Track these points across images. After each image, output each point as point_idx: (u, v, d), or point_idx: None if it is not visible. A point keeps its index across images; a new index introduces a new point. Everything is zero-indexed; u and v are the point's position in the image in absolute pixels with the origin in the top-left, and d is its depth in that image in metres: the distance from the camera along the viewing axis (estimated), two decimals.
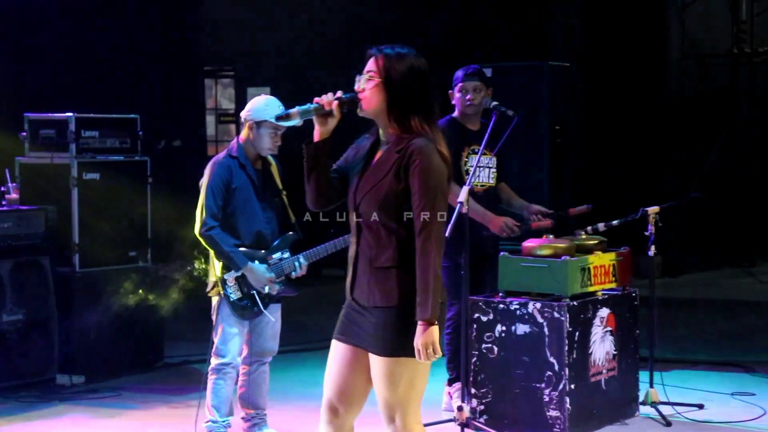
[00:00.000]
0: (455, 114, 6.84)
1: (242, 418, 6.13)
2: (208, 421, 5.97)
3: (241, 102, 14.62)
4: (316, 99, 4.01)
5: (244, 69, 14.96)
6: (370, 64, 4.02)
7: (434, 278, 3.95)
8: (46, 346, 7.73)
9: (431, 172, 3.95)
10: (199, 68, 14.34)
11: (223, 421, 5.96)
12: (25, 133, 8.04)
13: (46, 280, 7.77)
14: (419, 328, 3.95)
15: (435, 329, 3.96)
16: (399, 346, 4.00)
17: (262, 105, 5.93)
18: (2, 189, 7.93)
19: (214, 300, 5.96)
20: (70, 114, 7.94)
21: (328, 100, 4.01)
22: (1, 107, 9.55)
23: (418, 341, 3.95)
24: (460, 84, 6.75)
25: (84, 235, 7.89)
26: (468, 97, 6.71)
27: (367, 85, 4.02)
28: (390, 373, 4.02)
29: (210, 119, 15.26)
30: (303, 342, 9.41)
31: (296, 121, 4.09)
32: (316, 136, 4.03)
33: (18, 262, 7.62)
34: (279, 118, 4.08)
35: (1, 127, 8.96)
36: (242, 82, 14.98)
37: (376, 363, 4.04)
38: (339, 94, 4.03)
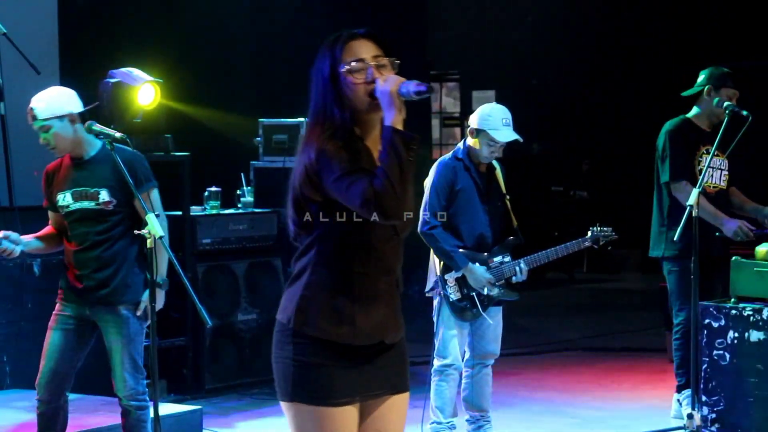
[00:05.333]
0: (690, 114, 6.70)
1: (467, 420, 6.16)
2: (432, 423, 6.03)
3: (465, 105, 14.69)
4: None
5: (470, 72, 15.02)
6: (372, 48, 3.29)
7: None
8: None
9: None
10: (425, 72, 14.48)
11: (448, 423, 6.01)
12: (259, 138, 8.33)
13: (278, 280, 8.02)
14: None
15: None
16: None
17: (485, 114, 5.96)
18: (238, 192, 8.23)
19: (435, 301, 6.02)
20: (302, 119, 8.17)
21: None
22: (240, 114, 9.90)
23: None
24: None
25: None
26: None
27: (390, 71, 3.27)
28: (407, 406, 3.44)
29: (435, 122, 15.39)
30: (527, 345, 9.38)
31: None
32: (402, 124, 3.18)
33: (252, 263, 7.90)
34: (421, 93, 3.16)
35: (240, 133, 9.29)
36: (467, 86, 15.05)
37: (402, 401, 3.38)
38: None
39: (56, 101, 5.12)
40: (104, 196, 5.11)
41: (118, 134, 5.02)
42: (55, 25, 9.20)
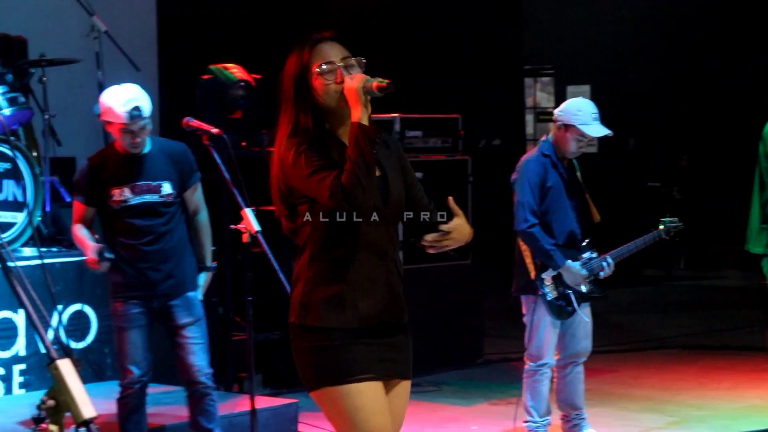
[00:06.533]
0: None
1: (562, 419, 6.10)
2: (527, 421, 5.99)
3: (560, 100, 14.55)
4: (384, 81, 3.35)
5: (564, 67, 14.90)
6: (340, 50, 3.42)
7: None
8: None
9: None
10: (520, 67, 14.40)
11: (543, 421, 5.97)
12: None
13: None
14: None
15: None
16: None
17: (574, 109, 5.90)
18: None
19: (525, 299, 5.96)
20: (396, 115, 8.18)
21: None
22: None
23: None
24: None
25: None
26: None
27: (358, 70, 3.43)
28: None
29: (529, 118, 15.30)
30: (624, 342, 9.27)
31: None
32: (367, 119, 3.36)
33: None
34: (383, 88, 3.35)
35: None
36: (562, 80, 14.92)
37: (406, 390, 3.57)
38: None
39: (149, 99, 5.14)
40: (167, 188, 5.15)
41: (214, 130, 5.07)
42: (154, 23, 9.34)
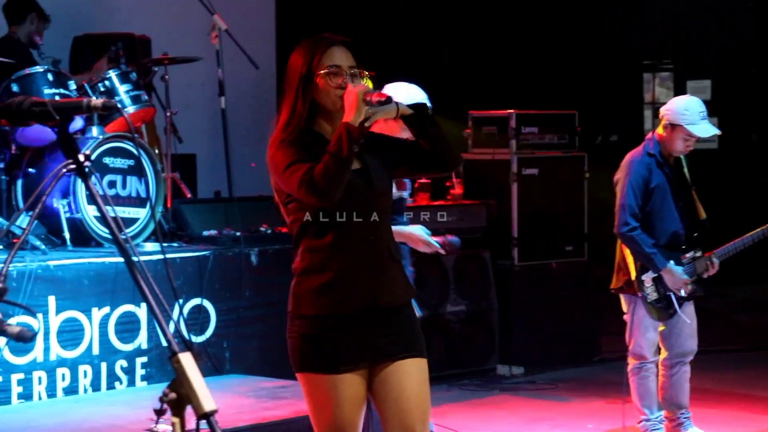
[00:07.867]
0: None
1: (666, 418, 6.03)
2: (641, 421, 5.95)
3: (680, 95, 14.32)
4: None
5: (684, 61, 14.64)
6: (349, 58, 3.62)
7: None
8: (487, 337, 8.00)
9: None
10: (639, 62, 14.21)
11: (656, 417, 5.93)
12: (469, 130, 8.37)
13: (487, 272, 8.03)
14: None
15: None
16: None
17: (681, 108, 5.80)
18: (447, 184, 8.29)
19: (624, 297, 5.92)
20: (511, 111, 8.16)
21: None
22: (447, 105, 9.98)
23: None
24: None
25: (523, 229, 8.09)
26: None
27: (360, 81, 3.63)
28: (427, 373, 3.70)
29: (647, 113, 15.08)
30: (744, 341, 9.09)
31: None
32: (357, 123, 3.50)
33: (461, 254, 7.93)
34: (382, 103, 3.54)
35: (449, 125, 9.38)
36: (681, 75, 14.67)
37: (417, 366, 3.64)
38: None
39: None
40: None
41: None
42: (273, 21, 9.48)
